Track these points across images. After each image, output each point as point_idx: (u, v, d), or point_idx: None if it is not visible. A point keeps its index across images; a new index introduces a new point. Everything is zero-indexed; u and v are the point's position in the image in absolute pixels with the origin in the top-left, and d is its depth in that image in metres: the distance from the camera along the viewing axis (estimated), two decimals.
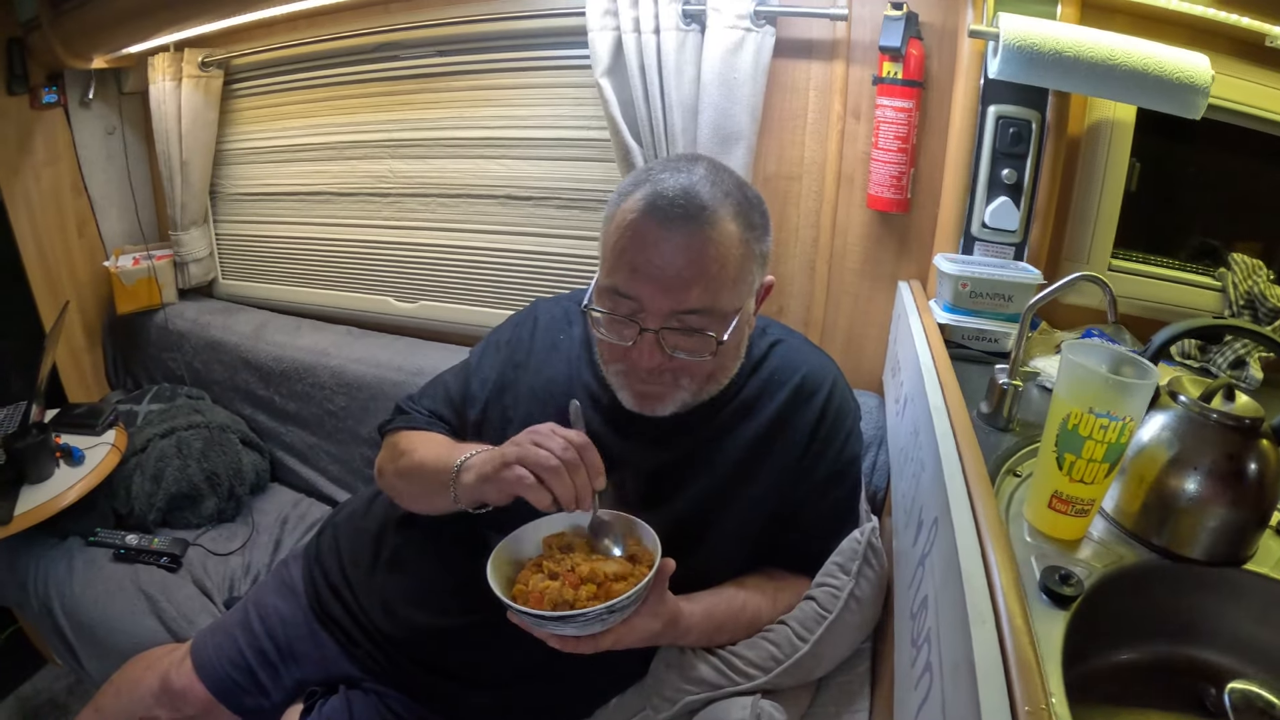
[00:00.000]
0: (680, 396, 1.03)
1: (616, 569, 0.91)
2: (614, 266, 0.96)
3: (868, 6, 1.45)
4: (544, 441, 0.91)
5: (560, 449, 0.90)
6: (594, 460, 0.91)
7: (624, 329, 0.97)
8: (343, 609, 1.25)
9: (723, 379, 1.06)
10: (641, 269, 0.93)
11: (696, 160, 1.00)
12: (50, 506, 1.67)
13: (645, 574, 0.90)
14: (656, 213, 0.92)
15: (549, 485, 0.89)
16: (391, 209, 2.09)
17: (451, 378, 1.27)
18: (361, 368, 1.98)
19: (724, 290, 0.94)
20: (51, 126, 2.21)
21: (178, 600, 1.66)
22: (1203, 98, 1.15)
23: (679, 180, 0.94)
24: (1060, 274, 1.40)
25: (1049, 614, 0.70)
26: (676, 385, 1.01)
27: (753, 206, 0.98)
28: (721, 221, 0.92)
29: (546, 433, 0.93)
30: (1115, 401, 0.76)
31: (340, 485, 2.04)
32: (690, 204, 0.92)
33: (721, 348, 0.96)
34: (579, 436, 0.92)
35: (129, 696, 1.34)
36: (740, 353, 1.07)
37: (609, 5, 1.48)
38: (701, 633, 1.05)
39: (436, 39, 1.84)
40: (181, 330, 2.29)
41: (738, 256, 0.94)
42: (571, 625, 0.86)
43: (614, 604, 0.85)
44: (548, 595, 0.88)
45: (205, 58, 2.09)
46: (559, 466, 0.89)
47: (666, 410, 1.04)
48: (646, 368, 0.97)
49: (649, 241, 0.92)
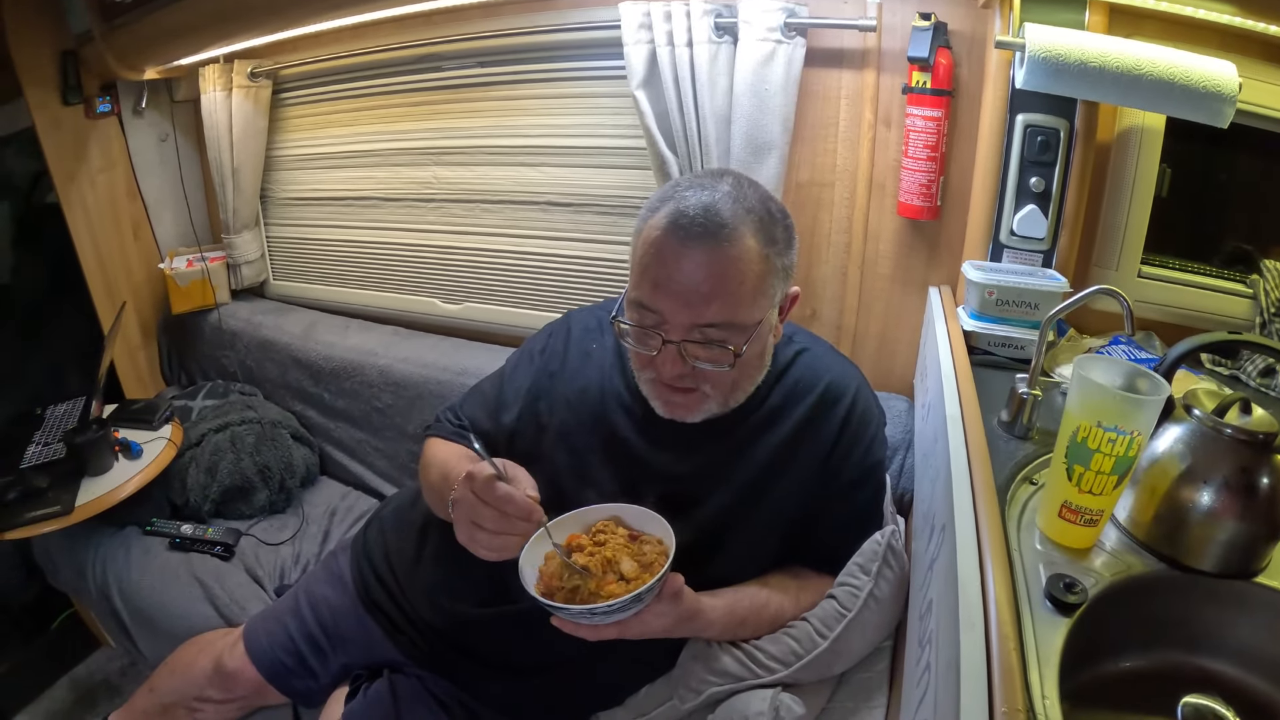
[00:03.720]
0: (707, 406, 1.06)
1: (630, 570, 0.95)
2: (639, 281, 1.00)
3: (897, 16, 1.46)
4: (470, 515, 0.95)
5: (486, 519, 0.94)
6: (519, 506, 0.94)
7: (648, 340, 1.01)
8: (388, 598, 1.31)
9: (748, 387, 1.09)
10: (663, 284, 0.96)
11: (722, 176, 1.03)
12: (109, 498, 1.74)
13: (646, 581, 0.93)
14: (678, 230, 0.95)
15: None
16: (436, 214, 2.13)
17: (489, 386, 1.31)
18: (408, 367, 2.02)
19: (743, 304, 0.97)
20: (106, 134, 2.26)
21: (230, 587, 1.72)
22: (1230, 106, 1.15)
23: (701, 197, 0.97)
24: (1089, 281, 1.41)
25: (1052, 621, 0.72)
26: (702, 394, 1.04)
27: (775, 221, 1.01)
28: (742, 238, 0.95)
29: (470, 501, 0.95)
30: (1124, 416, 0.78)
31: (386, 479, 2.09)
32: (710, 221, 0.95)
33: (741, 359, 0.99)
34: (484, 490, 0.94)
35: (183, 677, 1.42)
36: (765, 362, 1.10)
37: (643, 19, 1.51)
38: (724, 627, 1.09)
39: (478, 50, 1.88)
40: (234, 329, 2.36)
41: (757, 272, 0.97)
42: (563, 615, 0.92)
43: (595, 608, 0.90)
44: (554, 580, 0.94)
45: (254, 69, 2.14)
46: (487, 541, 0.95)
47: (696, 418, 1.07)
48: (669, 376, 1.01)
49: (670, 258, 0.96)
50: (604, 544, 0.98)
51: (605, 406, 1.17)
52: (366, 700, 1.23)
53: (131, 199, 2.38)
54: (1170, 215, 1.39)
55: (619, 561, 0.95)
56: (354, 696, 1.25)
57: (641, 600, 0.92)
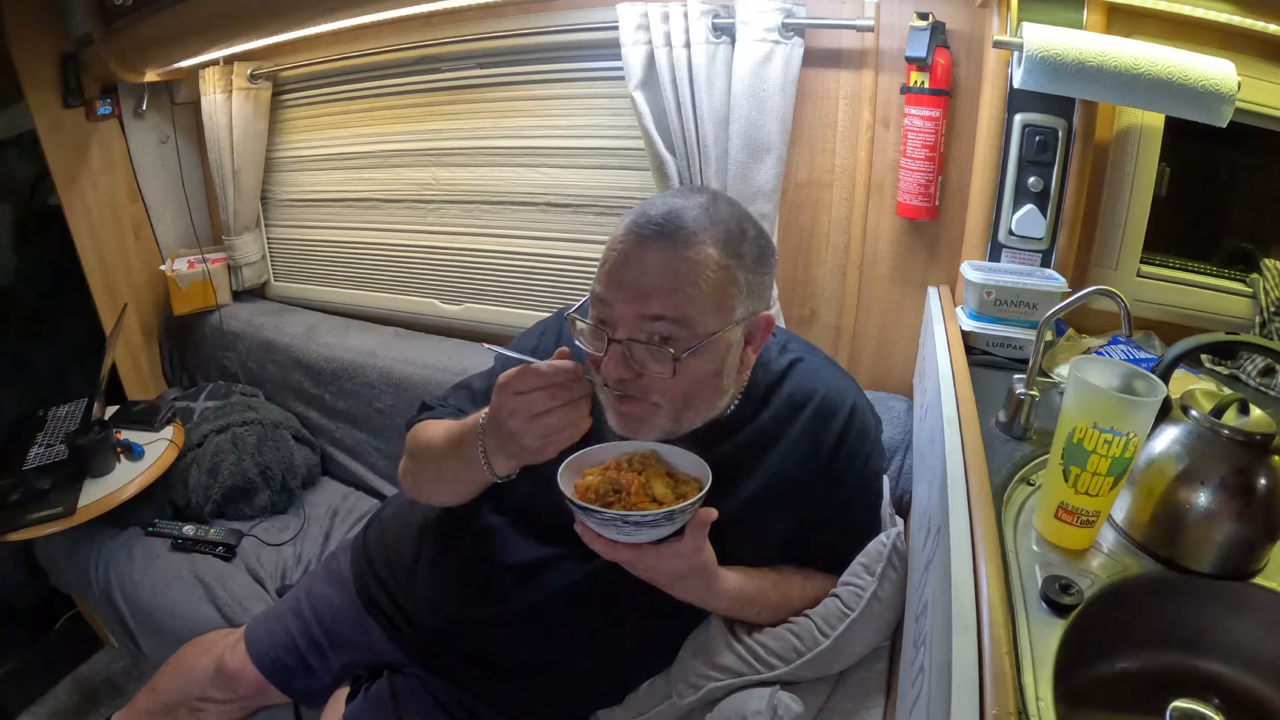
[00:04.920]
0: (658, 422, 1.02)
1: (661, 493, 0.95)
2: (598, 276, 1.00)
3: (895, 15, 1.47)
4: (517, 406, 0.94)
5: (541, 404, 0.93)
6: (554, 372, 0.94)
7: (598, 339, 0.99)
8: (388, 598, 1.31)
9: (702, 408, 1.05)
10: (615, 276, 0.96)
11: (700, 191, 1.03)
12: (111, 499, 1.75)
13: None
14: (639, 229, 0.96)
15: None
16: (435, 215, 2.14)
17: (478, 381, 1.31)
18: (408, 368, 2.03)
19: (692, 303, 0.95)
20: (107, 137, 2.27)
21: (232, 588, 1.73)
22: (1229, 105, 1.15)
23: (669, 203, 0.98)
24: (1089, 281, 1.41)
25: (1047, 622, 0.72)
26: (651, 404, 1.01)
27: (745, 238, 0.99)
28: (701, 244, 0.95)
29: (512, 405, 0.94)
30: (1119, 417, 0.78)
31: (387, 480, 2.10)
32: (669, 224, 0.95)
33: (685, 366, 0.96)
34: (524, 376, 0.94)
35: (185, 677, 1.42)
36: (721, 385, 1.05)
37: (641, 20, 1.51)
38: (732, 600, 1.08)
39: (477, 52, 1.88)
40: (235, 331, 2.37)
41: (713, 279, 0.95)
42: (592, 519, 0.92)
43: (628, 515, 0.89)
44: (593, 488, 0.95)
45: (254, 70, 2.15)
46: (558, 424, 0.94)
47: (649, 436, 1.03)
48: (612, 378, 0.98)
49: (628, 256, 0.96)
50: (640, 471, 0.99)
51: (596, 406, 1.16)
52: (367, 700, 1.23)
53: (132, 201, 2.39)
54: (1169, 214, 1.39)
55: (653, 486, 0.96)
56: (354, 696, 1.25)
57: (673, 520, 0.92)
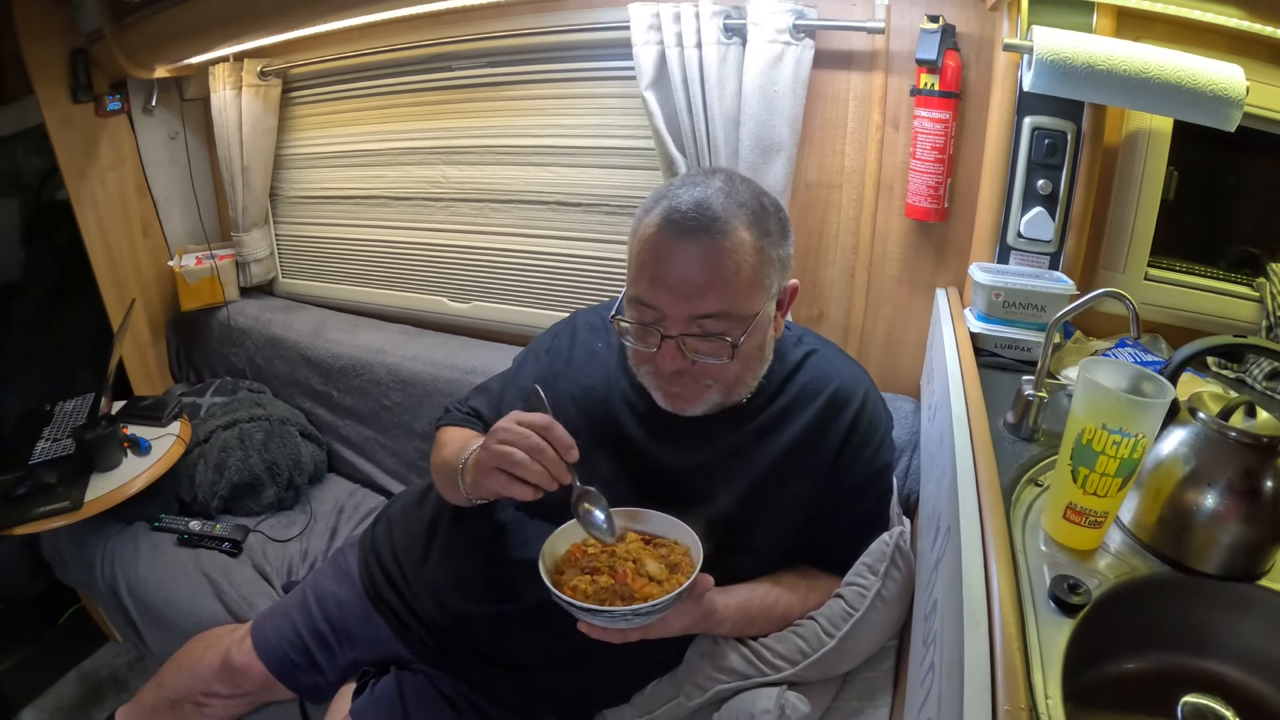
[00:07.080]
0: (709, 398, 1.07)
1: (656, 570, 0.96)
2: (636, 278, 1.01)
3: (905, 18, 1.47)
4: (507, 437, 0.96)
5: (522, 439, 0.95)
6: (559, 436, 0.96)
7: (648, 336, 1.02)
8: (396, 595, 1.31)
9: (750, 381, 1.10)
10: (659, 279, 0.98)
11: (714, 173, 1.05)
12: (118, 494, 1.74)
13: (680, 583, 0.94)
14: (672, 226, 0.97)
15: (521, 477, 0.94)
16: (445, 213, 2.14)
17: (495, 384, 1.33)
18: (416, 365, 2.03)
19: (739, 295, 0.98)
20: (116, 132, 2.27)
21: (238, 583, 1.73)
22: (1237, 110, 1.15)
23: (693, 194, 0.99)
24: (1096, 283, 1.41)
25: (1055, 621, 0.73)
26: (703, 387, 1.06)
27: (769, 214, 1.02)
28: (735, 230, 0.97)
29: (508, 425, 0.97)
30: (1128, 419, 0.79)
31: (394, 477, 2.10)
32: (703, 215, 0.96)
33: (740, 350, 1.00)
34: (540, 418, 0.97)
35: (190, 673, 1.42)
36: (765, 355, 1.11)
37: (653, 21, 1.51)
38: (735, 624, 1.11)
39: (488, 51, 1.89)
40: (243, 327, 2.37)
41: (752, 263, 0.98)
42: (599, 619, 0.92)
43: (638, 608, 0.90)
44: (580, 587, 0.93)
45: (264, 67, 2.15)
46: (525, 460, 0.94)
47: (697, 410, 1.08)
48: (669, 371, 1.02)
49: (665, 254, 0.97)
50: (613, 552, 0.98)
51: (611, 404, 1.18)
52: (374, 696, 1.23)
53: (141, 196, 2.39)
54: (1177, 218, 1.40)
55: (643, 562, 0.96)
56: (361, 693, 1.25)
57: (680, 597, 0.92)
